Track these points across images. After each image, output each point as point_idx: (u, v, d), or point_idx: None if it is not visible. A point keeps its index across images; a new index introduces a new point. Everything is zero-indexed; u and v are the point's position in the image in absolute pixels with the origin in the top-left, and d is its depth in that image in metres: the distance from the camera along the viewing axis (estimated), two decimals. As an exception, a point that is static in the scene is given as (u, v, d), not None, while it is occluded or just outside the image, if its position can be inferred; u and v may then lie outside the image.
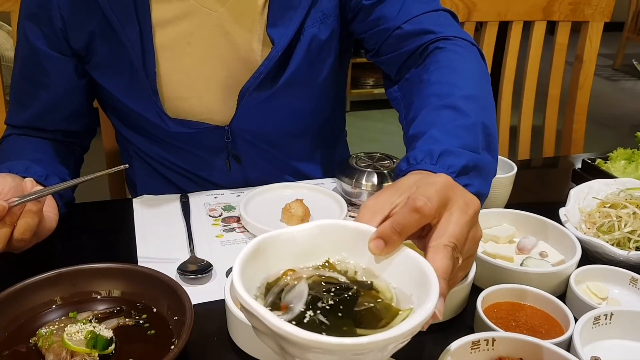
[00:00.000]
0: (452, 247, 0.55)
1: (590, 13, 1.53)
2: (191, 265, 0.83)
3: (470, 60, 0.94)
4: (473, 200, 0.61)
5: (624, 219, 0.91)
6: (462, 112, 0.78)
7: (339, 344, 0.44)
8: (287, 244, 0.56)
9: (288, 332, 0.44)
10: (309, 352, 0.45)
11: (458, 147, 0.72)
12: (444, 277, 0.52)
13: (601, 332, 0.71)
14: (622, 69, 5.59)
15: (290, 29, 0.98)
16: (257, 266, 0.53)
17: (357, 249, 0.56)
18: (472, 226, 0.59)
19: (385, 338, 0.45)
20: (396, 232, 0.54)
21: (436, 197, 0.56)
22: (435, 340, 0.73)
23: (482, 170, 0.73)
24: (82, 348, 0.65)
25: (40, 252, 0.89)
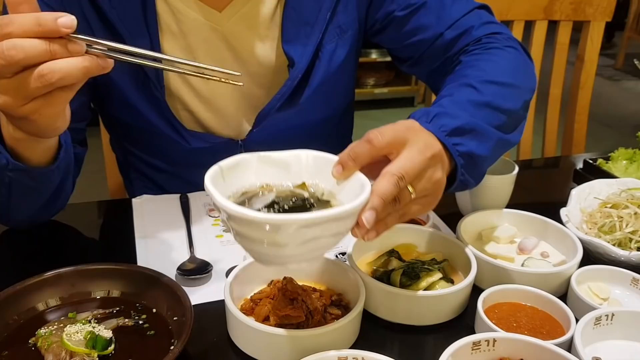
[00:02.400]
0: (399, 176, 0.62)
1: (591, 12, 1.53)
2: (191, 266, 0.83)
3: (509, 51, 0.96)
4: (434, 144, 0.68)
5: (625, 219, 0.90)
6: (479, 91, 0.82)
7: (258, 215, 0.54)
8: (269, 164, 0.67)
9: (225, 206, 0.56)
10: (241, 224, 0.56)
11: (459, 112, 0.76)
12: (379, 195, 0.60)
13: (602, 333, 0.71)
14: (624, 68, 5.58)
15: (309, 47, 0.97)
16: (238, 174, 0.64)
17: (323, 174, 0.66)
18: (428, 167, 0.66)
19: (302, 218, 0.54)
20: (351, 159, 0.63)
21: (390, 133, 0.64)
22: (436, 341, 0.73)
23: (480, 135, 0.76)
24: (81, 348, 0.65)
25: (40, 253, 0.89)
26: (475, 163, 0.76)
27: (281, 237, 0.55)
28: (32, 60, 0.58)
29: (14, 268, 0.86)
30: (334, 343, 0.66)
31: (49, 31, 0.57)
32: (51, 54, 0.58)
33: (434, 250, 0.86)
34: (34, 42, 0.57)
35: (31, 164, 0.78)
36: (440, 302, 0.75)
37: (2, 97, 0.61)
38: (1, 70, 0.58)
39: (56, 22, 0.57)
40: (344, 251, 0.85)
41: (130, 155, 1.10)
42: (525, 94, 0.91)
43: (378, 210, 0.60)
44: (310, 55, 0.98)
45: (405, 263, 0.80)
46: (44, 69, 0.58)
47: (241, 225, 0.56)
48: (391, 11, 1.02)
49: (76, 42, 0.58)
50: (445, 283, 0.77)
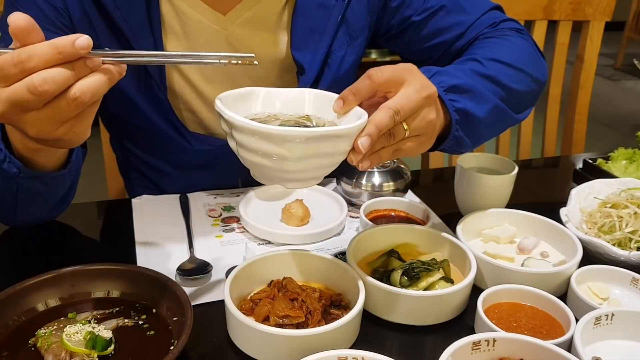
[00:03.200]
0: (394, 110, 0.66)
1: (591, 12, 1.53)
2: (190, 266, 0.83)
3: (521, 40, 0.98)
4: (431, 87, 0.71)
5: (625, 219, 0.90)
6: (483, 65, 0.86)
7: (262, 126, 0.60)
8: (270, 97, 0.72)
9: (229, 115, 0.61)
10: (247, 135, 0.61)
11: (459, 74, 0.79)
12: (375, 124, 0.64)
13: (602, 333, 0.71)
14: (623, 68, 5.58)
15: (318, 54, 0.97)
16: (245, 104, 0.70)
17: (326, 110, 0.70)
18: (423, 106, 0.70)
19: (303, 130, 0.60)
20: (352, 94, 0.67)
21: (389, 71, 0.68)
22: (435, 341, 0.73)
23: (477, 96, 0.80)
24: (81, 349, 0.65)
25: (40, 253, 0.89)
26: (471, 122, 0.80)
27: (283, 149, 0.60)
28: (63, 87, 0.58)
29: (14, 268, 0.86)
30: (334, 343, 0.66)
31: (69, 56, 0.57)
32: (77, 76, 0.59)
33: (434, 250, 0.86)
34: (61, 71, 0.57)
35: (44, 170, 0.78)
36: (440, 302, 0.75)
37: (37, 125, 0.61)
38: (33, 104, 0.58)
39: (74, 46, 0.57)
40: (344, 251, 0.85)
41: (131, 155, 1.10)
42: (532, 82, 0.93)
43: (373, 137, 0.64)
44: (319, 62, 0.98)
45: (405, 263, 0.80)
46: (75, 92, 0.59)
47: (244, 135, 0.61)
48: (408, 16, 1.02)
49: (92, 57, 0.59)
50: (445, 283, 0.77)
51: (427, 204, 0.99)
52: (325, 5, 0.97)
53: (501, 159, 1.03)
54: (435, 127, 0.74)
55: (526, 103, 0.94)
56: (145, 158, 1.09)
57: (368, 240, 0.85)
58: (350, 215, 0.99)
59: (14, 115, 0.59)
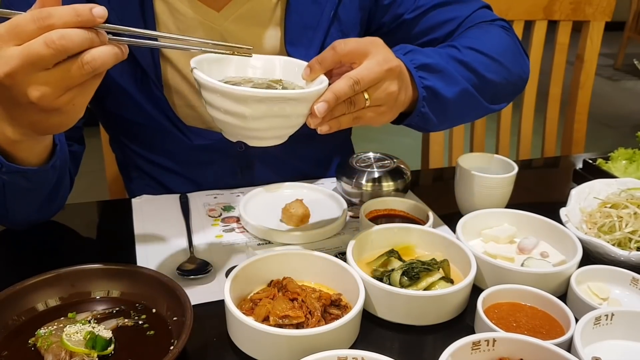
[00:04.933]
0: (355, 80, 0.70)
1: (591, 12, 1.53)
2: (190, 266, 0.83)
3: (501, 32, 1.01)
4: (394, 60, 0.74)
5: (625, 219, 0.90)
6: (460, 52, 0.90)
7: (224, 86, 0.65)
8: (248, 65, 0.76)
9: (199, 76, 0.66)
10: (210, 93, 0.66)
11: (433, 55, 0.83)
12: (333, 91, 0.68)
13: (602, 333, 0.71)
14: (623, 68, 5.58)
15: (312, 49, 0.98)
16: (219, 68, 0.74)
17: (297, 77, 0.75)
18: (385, 79, 0.73)
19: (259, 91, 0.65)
20: (317, 62, 0.72)
21: (353, 43, 0.72)
22: (435, 341, 0.73)
23: (447, 77, 0.84)
24: (81, 349, 0.65)
25: (40, 253, 0.89)
26: (438, 100, 0.83)
27: (243, 108, 0.65)
28: (78, 49, 0.59)
29: (14, 268, 0.86)
30: (334, 343, 0.66)
31: (86, 21, 0.59)
32: (91, 43, 0.60)
33: (434, 250, 0.86)
34: (78, 32, 0.59)
35: (26, 165, 0.77)
36: (440, 302, 0.75)
37: (42, 88, 0.61)
38: (47, 61, 0.59)
39: (92, 13, 0.59)
40: (344, 251, 0.85)
41: (131, 153, 1.10)
42: (509, 75, 0.95)
43: (330, 103, 0.68)
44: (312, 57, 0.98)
45: (405, 263, 0.80)
46: (86, 57, 0.60)
47: (210, 93, 0.66)
48: (400, 14, 1.03)
49: (103, 32, 0.61)
50: (445, 283, 0.77)
51: (427, 204, 0.99)
52: (317, 1, 0.98)
53: (501, 159, 1.03)
54: (398, 100, 0.77)
55: (502, 95, 0.96)
56: (145, 155, 1.09)
57: (368, 240, 0.85)
58: (350, 215, 0.99)
59: (24, 73, 0.59)
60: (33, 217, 0.92)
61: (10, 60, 0.58)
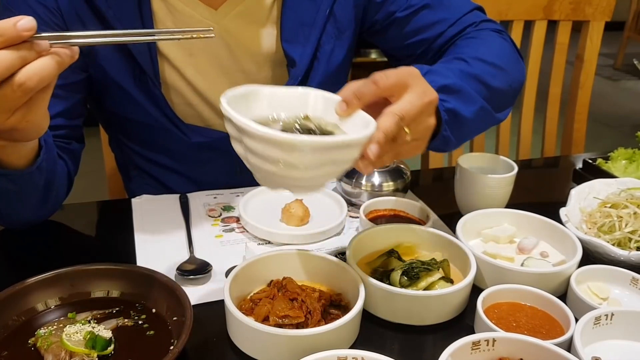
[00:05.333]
0: (399, 116, 0.67)
1: (591, 12, 1.53)
2: (190, 266, 0.83)
3: (500, 39, 1.00)
4: (432, 91, 0.72)
5: (625, 219, 0.90)
6: (469, 65, 0.89)
7: (278, 134, 0.58)
8: (273, 98, 0.70)
9: (246, 124, 0.58)
10: (261, 142, 0.59)
11: (449, 74, 0.81)
12: (383, 131, 0.65)
13: (602, 333, 0.71)
14: (623, 68, 5.58)
15: (307, 47, 0.99)
16: (245, 105, 0.67)
17: (328, 112, 0.70)
18: (424, 112, 0.71)
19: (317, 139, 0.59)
20: (356, 97, 0.68)
21: (394, 76, 0.69)
22: (435, 341, 0.73)
23: (465, 97, 0.82)
24: (81, 349, 0.65)
25: (39, 253, 0.89)
26: (459, 122, 0.81)
27: (294, 157, 0.59)
28: (7, 73, 0.56)
29: (14, 268, 0.86)
30: (334, 343, 0.66)
31: (11, 39, 0.55)
32: (22, 61, 0.56)
33: (434, 250, 0.86)
34: (3, 54, 0.55)
35: (12, 167, 0.76)
36: (440, 302, 0.75)
37: None
38: None
39: (16, 28, 0.55)
40: (344, 251, 0.85)
41: (130, 152, 1.10)
42: (512, 81, 0.95)
43: (381, 144, 0.65)
44: (310, 55, 0.99)
45: (405, 263, 0.80)
46: (20, 77, 0.56)
47: (257, 142, 0.59)
48: (392, 12, 1.03)
49: (39, 42, 0.57)
50: (445, 283, 0.77)
51: (427, 204, 0.99)
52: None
53: (501, 159, 1.03)
54: (431, 132, 0.75)
55: (506, 102, 0.96)
56: (144, 153, 1.09)
57: (368, 240, 0.85)
58: (350, 215, 0.99)
59: None
60: (27, 218, 0.91)
61: None
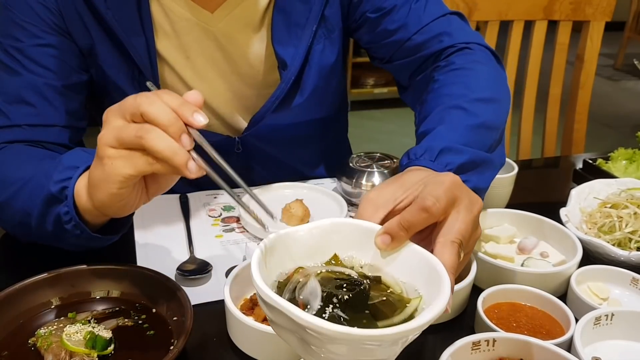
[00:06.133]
0: (459, 243, 0.58)
1: (591, 12, 1.53)
2: (190, 266, 0.83)
3: (485, 63, 0.97)
4: (477, 199, 0.64)
5: (625, 219, 0.90)
6: (471, 113, 0.82)
7: (365, 334, 0.45)
8: (296, 243, 0.57)
9: (317, 325, 0.45)
10: (334, 343, 0.46)
11: (460, 144, 0.75)
12: (452, 272, 0.54)
13: (602, 333, 0.71)
14: (623, 68, 5.58)
15: (300, 48, 0.98)
16: (270, 265, 0.54)
17: (363, 246, 0.57)
18: (475, 224, 0.63)
19: (409, 329, 0.47)
20: (404, 229, 0.56)
21: (444, 198, 0.59)
22: (435, 341, 0.73)
23: (481, 166, 0.76)
24: (81, 348, 0.65)
25: (39, 253, 0.89)
26: (481, 191, 0.76)
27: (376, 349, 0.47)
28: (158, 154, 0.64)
29: (14, 268, 0.86)
30: (334, 343, 0.65)
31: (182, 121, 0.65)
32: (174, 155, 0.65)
33: (434, 250, 0.85)
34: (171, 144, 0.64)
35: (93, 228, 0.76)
36: (440, 302, 0.74)
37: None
38: (127, 142, 0.64)
39: (193, 117, 0.65)
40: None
41: None
42: (506, 106, 0.94)
43: (453, 288, 0.54)
44: (302, 57, 0.99)
45: (405, 263, 0.80)
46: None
47: (330, 342, 0.47)
48: (364, 12, 1.03)
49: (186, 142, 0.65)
50: (445, 283, 0.77)
51: (427, 204, 0.98)
52: (305, 0, 0.98)
53: (501, 159, 1.03)
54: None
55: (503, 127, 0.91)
56: None
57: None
58: (350, 215, 0.99)
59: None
60: None
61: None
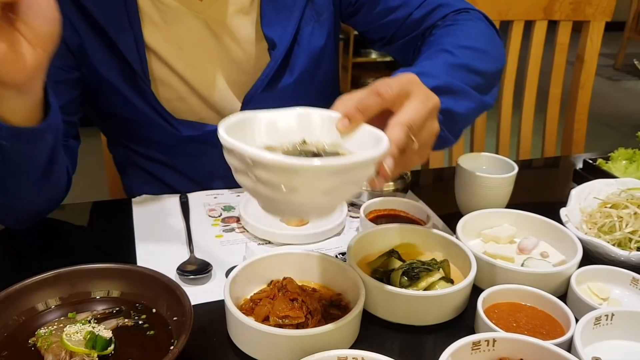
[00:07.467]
0: (408, 126, 0.65)
1: (591, 12, 1.53)
2: (190, 266, 0.83)
3: (478, 21, 1.00)
4: (434, 96, 0.71)
5: (625, 219, 0.90)
6: (455, 56, 0.88)
7: (300, 163, 0.53)
8: (268, 124, 0.66)
9: (257, 155, 0.54)
10: (274, 173, 0.54)
11: (438, 73, 0.81)
12: (396, 144, 0.62)
13: (602, 333, 0.71)
14: (623, 68, 5.58)
15: (288, 29, 0.99)
16: (241, 133, 0.62)
17: (327, 131, 0.66)
18: (429, 118, 0.69)
19: (344, 162, 0.55)
20: (359, 112, 0.65)
21: (397, 86, 0.67)
22: (435, 341, 0.73)
23: (457, 94, 0.82)
24: (81, 348, 0.65)
25: (39, 252, 0.89)
26: (454, 120, 0.81)
27: (314, 183, 0.54)
28: None
29: (14, 268, 0.86)
30: (334, 343, 0.66)
31: None
32: None
33: (434, 250, 0.86)
34: None
35: (16, 124, 0.74)
36: (440, 302, 0.75)
37: None
38: None
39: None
40: (344, 251, 0.85)
41: (126, 149, 1.11)
42: (496, 62, 0.96)
43: (395, 158, 0.62)
44: (290, 37, 1.00)
45: (405, 263, 0.80)
46: None
47: (273, 173, 0.54)
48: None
49: None
50: (445, 283, 0.77)
51: (427, 204, 0.99)
52: None
53: (501, 159, 1.03)
54: (436, 137, 0.73)
55: (494, 83, 0.96)
56: (139, 150, 1.10)
57: (368, 240, 0.85)
58: (350, 215, 0.99)
59: None
60: (30, 197, 0.88)
61: None
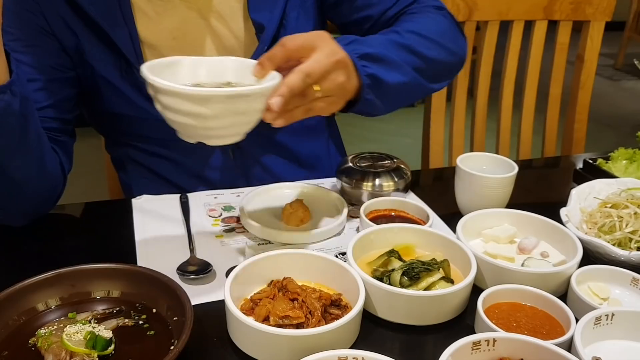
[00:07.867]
0: (305, 73, 0.73)
1: (591, 12, 1.53)
2: (191, 266, 0.83)
3: (441, 17, 1.04)
4: (340, 52, 0.78)
5: (625, 219, 0.90)
6: (401, 36, 0.93)
7: (181, 88, 0.67)
8: (195, 66, 0.79)
9: (159, 82, 0.67)
10: (166, 96, 0.68)
11: (375, 44, 0.87)
12: (287, 85, 0.71)
13: (602, 333, 0.71)
14: (623, 68, 5.58)
15: (275, 13, 1.01)
16: (170, 74, 0.74)
17: (246, 75, 0.77)
18: (333, 70, 0.77)
19: (216, 90, 0.68)
20: (267, 59, 0.74)
21: (301, 38, 0.75)
22: (435, 341, 0.74)
23: (389, 64, 0.88)
24: (81, 348, 0.65)
25: (40, 253, 0.89)
26: (383, 87, 0.87)
27: (203, 108, 0.67)
28: None
29: (14, 268, 0.86)
30: (334, 343, 0.66)
31: None
32: None
33: (434, 250, 0.86)
34: None
35: None
36: (440, 302, 0.75)
37: None
38: None
39: None
40: (344, 251, 0.85)
41: (125, 146, 1.11)
42: (448, 55, 1.00)
43: (285, 97, 0.71)
44: (277, 20, 1.01)
45: (405, 263, 0.80)
46: None
47: (167, 97, 0.68)
48: None
49: None
50: (445, 283, 0.77)
51: (427, 204, 0.99)
52: None
53: (501, 159, 1.03)
54: (346, 89, 0.81)
55: (443, 73, 1.01)
56: (138, 145, 1.10)
57: (368, 240, 0.85)
58: (350, 215, 0.99)
59: None
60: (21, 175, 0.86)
61: None
